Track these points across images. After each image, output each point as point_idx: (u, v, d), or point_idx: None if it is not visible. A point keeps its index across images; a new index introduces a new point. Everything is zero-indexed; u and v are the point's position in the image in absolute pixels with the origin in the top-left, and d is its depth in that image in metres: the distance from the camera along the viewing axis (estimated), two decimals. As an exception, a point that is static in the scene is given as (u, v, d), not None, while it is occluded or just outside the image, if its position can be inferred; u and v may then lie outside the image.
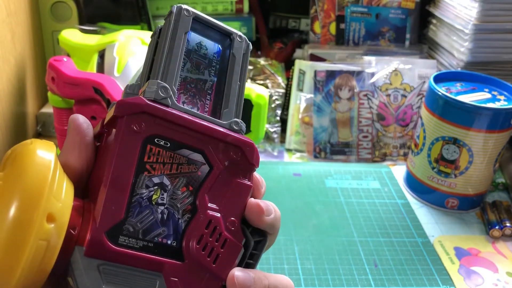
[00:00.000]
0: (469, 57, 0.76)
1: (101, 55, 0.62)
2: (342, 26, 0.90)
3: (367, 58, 0.83)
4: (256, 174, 0.31)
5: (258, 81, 0.84)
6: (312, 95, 0.81)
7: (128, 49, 0.60)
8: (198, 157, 0.29)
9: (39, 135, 0.78)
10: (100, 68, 0.61)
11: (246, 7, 0.89)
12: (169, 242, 0.27)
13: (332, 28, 0.90)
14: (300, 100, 0.81)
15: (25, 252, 0.23)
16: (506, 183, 0.73)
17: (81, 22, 0.81)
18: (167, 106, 0.28)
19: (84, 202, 0.27)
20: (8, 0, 0.66)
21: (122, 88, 0.56)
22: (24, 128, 0.73)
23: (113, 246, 0.25)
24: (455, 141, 0.64)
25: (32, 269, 0.23)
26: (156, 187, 0.27)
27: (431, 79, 0.67)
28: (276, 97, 0.82)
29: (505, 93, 0.67)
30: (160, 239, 0.27)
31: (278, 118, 0.81)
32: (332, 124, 0.80)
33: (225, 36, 0.32)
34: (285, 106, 0.84)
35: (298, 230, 0.62)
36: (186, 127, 0.28)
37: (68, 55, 0.66)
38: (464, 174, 0.65)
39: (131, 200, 0.26)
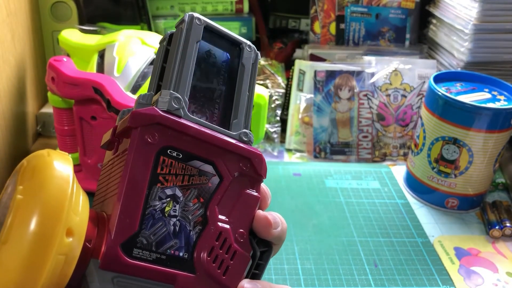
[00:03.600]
0: (469, 57, 0.76)
1: (101, 55, 0.62)
2: (342, 26, 0.90)
3: (367, 58, 0.83)
4: (263, 185, 0.31)
5: (258, 81, 0.84)
6: (312, 95, 0.81)
7: (128, 49, 0.60)
8: (208, 168, 0.29)
9: (39, 135, 0.78)
10: (100, 68, 0.61)
11: (246, 7, 0.89)
12: (181, 254, 0.27)
13: (332, 28, 0.90)
14: (300, 100, 0.81)
15: (45, 267, 0.23)
16: (506, 183, 0.73)
17: (81, 22, 0.81)
18: (180, 117, 0.28)
19: (97, 213, 0.27)
20: (8, 0, 0.66)
21: (122, 88, 0.56)
22: (24, 128, 0.73)
23: (128, 259, 0.25)
24: (455, 141, 0.64)
25: (50, 283, 0.23)
26: (169, 199, 0.27)
27: (431, 79, 0.67)
28: (276, 97, 0.82)
29: (505, 93, 0.67)
30: (172, 251, 0.27)
31: (278, 118, 0.81)
32: (332, 124, 0.80)
33: (234, 45, 0.32)
34: (285, 106, 0.84)
35: (298, 230, 0.62)
36: (198, 138, 0.28)
37: (68, 55, 0.66)
38: (464, 174, 0.65)
39: (145, 212, 0.26)
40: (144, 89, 0.59)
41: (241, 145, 0.30)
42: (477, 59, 0.77)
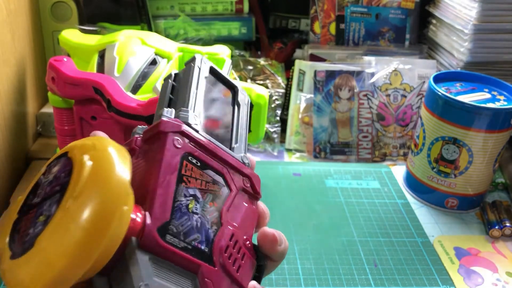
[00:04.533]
0: (469, 57, 0.76)
1: (101, 55, 0.62)
2: (342, 26, 0.90)
3: (367, 58, 0.84)
4: (262, 204, 0.36)
5: (258, 81, 0.84)
6: (312, 95, 0.81)
7: (128, 49, 0.60)
8: (219, 179, 0.33)
9: (39, 135, 0.78)
10: (100, 68, 0.61)
11: (246, 7, 0.89)
12: (202, 247, 0.29)
13: (332, 28, 0.90)
14: (300, 100, 0.82)
15: (109, 231, 0.23)
16: (506, 183, 0.73)
17: (81, 22, 0.81)
18: (197, 131, 0.32)
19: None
20: (8, 0, 0.66)
21: (123, 88, 0.56)
22: (24, 128, 0.73)
23: (163, 242, 0.27)
24: (455, 141, 0.64)
25: (105, 249, 0.24)
26: (191, 197, 0.30)
27: (431, 79, 0.67)
28: (276, 97, 0.82)
29: (505, 93, 0.67)
30: (196, 244, 0.29)
31: (278, 118, 0.81)
32: (332, 124, 0.80)
33: (229, 88, 0.38)
34: (285, 106, 0.84)
35: (298, 230, 0.62)
36: (211, 152, 0.32)
37: (68, 55, 0.66)
38: (464, 174, 0.65)
39: (174, 205, 0.29)
40: (144, 89, 0.59)
41: (243, 165, 0.35)
42: (477, 59, 0.77)
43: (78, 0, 0.80)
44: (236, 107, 0.38)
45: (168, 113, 0.32)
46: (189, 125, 0.31)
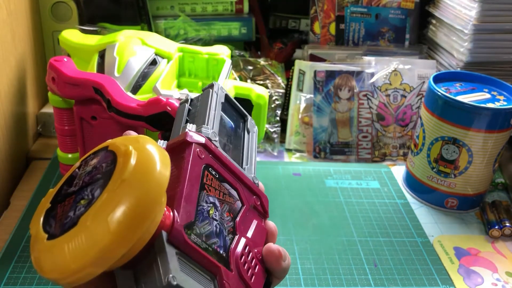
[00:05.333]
0: (468, 57, 0.76)
1: (102, 55, 0.62)
2: (342, 26, 0.90)
3: (366, 58, 0.84)
4: (271, 222, 0.38)
5: (258, 81, 0.84)
6: (312, 95, 0.81)
7: (129, 49, 0.61)
8: (234, 193, 0.35)
9: (39, 135, 0.78)
10: (100, 68, 0.61)
11: (246, 7, 0.89)
12: (221, 251, 0.31)
13: (332, 28, 0.90)
14: (300, 100, 0.82)
15: (150, 217, 0.25)
16: (506, 183, 0.73)
17: (82, 23, 0.81)
18: (216, 147, 0.34)
19: None
20: (8, 0, 0.66)
21: (123, 88, 0.56)
22: (24, 128, 0.73)
23: (189, 240, 0.28)
24: (454, 141, 0.64)
25: (141, 236, 0.25)
26: (211, 204, 0.32)
27: (431, 79, 0.67)
28: (276, 97, 0.82)
29: (505, 93, 0.67)
30: (215, 247, 0.30)
31: (278, 118, 0.81)
32: (332, 124, 0.80)
33: (240, 116, 0.42)
34: (285, 106, 0.84)
35: (298, 230, 0.62)
36: (228, 167, 0.34)
37: (69, 55, 0.66)
38: (463, 174, 0.65)
39: (197, 208, 0.30)
40: (144, 89, 0.59)
41: (255, 185, 0.37)
42: (476, 59, 0.77)
43: (78, 0, 0.80)
44: (246, 133, 0.41)
45: (191, 128, 0.34)
46: (209, 140, 0.34)
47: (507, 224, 0.63)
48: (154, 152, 0.27)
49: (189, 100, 0.39)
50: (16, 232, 0.58)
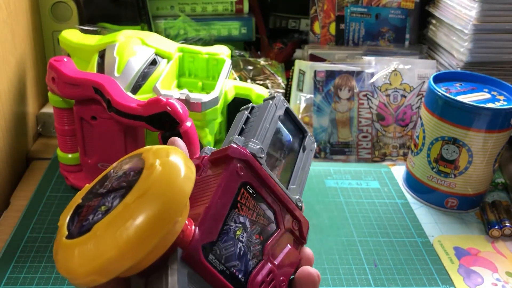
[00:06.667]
0: (468, 57, 0.76)
1: (101, 55, 0.62)
2: (342, 26, 0.90)
3: (366, 58, 0.84)
4: (308, 249, 0.36)
5: (258, 81, 0.84)
6: (312, 95, 0.81)
7: (129, 49, 0.61)
8: (270, 214, 0.33)
9: (39, 135, 0.78)
10: (100, 68, 0.61)
11: (246, 7, 0.89)
12: (239, 276, 0.30)
13: (332, 28, 0.90)
14: (300, 100, 0.82)
15: (168, 227, 0.25)
16: (506, 183, 0.73)
17: (82, 23, 0.81)
18: (261, 164, 0.33)
19: None
20: (8, 0, 0.66)
21: (123, 88, 0.56)
22: (24, 128, 0.73)
23: (204, 260, 0.28)
24: (454, 141, 0.64)
25: (156, 247, 0.25)
26: (240, 225, 0.31)
27: (431, 79, 0.67)
28: (276, 97, 0.82)
29: (505, 93, 0.67)
30: (234, 270, 0.29)
31: (278, 118, 0.81)
32: (332, 124, 0.80)
33: (299, 131, 0.40)
34: (285, 106, 0.84)
35: (298, 230, 0.62)
36: (269, 187, 0.33)
37: (69, 55, 0.66)
38: (463, 174, 0.65)
39: (223, 227, 0.29)
40: (144, 89, 0.59)
41: (296, 208, 0.36)
42: (476, 59, 0.77)
43: (78, 0, 0.80)
44: (301, 150, 0.39)
45: (238, 141, 0.33)
46: (255, 156, 0.33)
47: (507, 224, 0.63)
48: (179, 170, 0.26)
49: (250, 108, 0.38)
50: (16, 232, 0.58)
